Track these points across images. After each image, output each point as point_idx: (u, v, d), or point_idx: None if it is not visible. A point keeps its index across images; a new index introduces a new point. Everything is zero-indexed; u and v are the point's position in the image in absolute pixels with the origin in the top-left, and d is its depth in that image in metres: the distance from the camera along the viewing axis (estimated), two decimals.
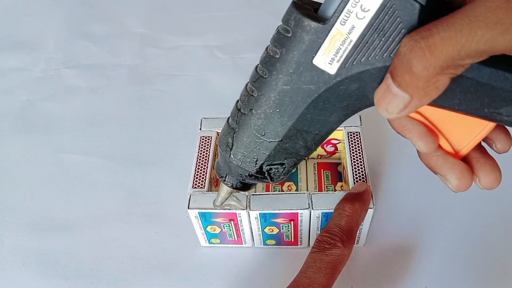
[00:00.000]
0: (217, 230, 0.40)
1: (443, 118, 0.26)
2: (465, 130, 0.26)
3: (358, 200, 0.36)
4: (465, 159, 0.27)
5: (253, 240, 0.42)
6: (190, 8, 0.72)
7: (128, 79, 0.61)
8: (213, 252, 0.43)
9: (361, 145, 0.42)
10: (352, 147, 0.42)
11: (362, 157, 0.41)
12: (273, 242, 0.42)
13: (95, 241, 0.44)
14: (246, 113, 0.28)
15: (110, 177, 0.50)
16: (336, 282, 0.33)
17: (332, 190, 0.45)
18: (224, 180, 0.33)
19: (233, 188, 0.33)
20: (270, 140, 0.28)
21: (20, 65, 0.65)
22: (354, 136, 0.43)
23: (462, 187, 0.27)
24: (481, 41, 0.20)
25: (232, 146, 0.30)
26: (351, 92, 0.25)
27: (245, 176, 0.31)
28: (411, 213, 0.44)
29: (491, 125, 0.26)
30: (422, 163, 0.48)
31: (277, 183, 0.46)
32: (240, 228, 0.40)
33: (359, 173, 0.40)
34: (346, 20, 0.23)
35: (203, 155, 0.42)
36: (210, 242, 0.43)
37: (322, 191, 0.45)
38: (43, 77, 0.63)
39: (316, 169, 0.47)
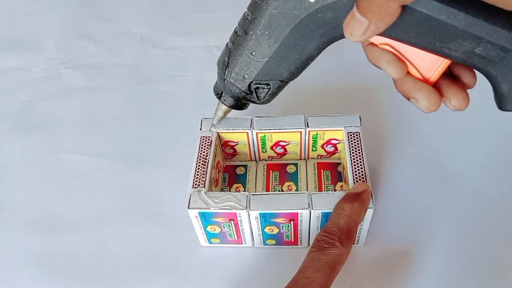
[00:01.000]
0: (217, 230, 0.40)
1: (411, 50, 0.29)
2: (431, 59, 0.29)
3: (357, 200, 0.36)
4: (435, 87, 0.31)
5: (253, 240, 0.42)
6: (190, 8, 0.72)
7: (128, 79, 0.61)
8: (213, 252, 0.43)
9: (361, 145, 0.42)
10: (352, 147, 0.42)
11: (362, 157, 0.41)
12: (273, 242, 0.42)
13: (95, 241, 0.44)
14: (241, 34, 0.32)
15: (110, 177, 0.50)
16: (336, 282, 0.33)
17: (332, 190, 0.45)
18: (220, 98, 0.37)
19: (228, 106, 0.38)
20: (259, 59, 0.32)
21: (20, 65, 0.65)
22: (354, 136, 0.43)
23: (431, 107, 0.30)
24: None
25: (227, 64, 0.34)
26: (327, 20, 0.29)
27: (237, 93, 0.35)
28: (411, 213, 0.44)
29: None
30: (422, 163, 0.48)
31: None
32: (240, 228, 0.40)
33: (359, 173, 0.40)
34: None
35: (203, 155, 0.42)
36: (210, 242, 0.43)
37: (322, 191, 0.45)
38: (43, 77, 0.63)
39: (316, 169, 0.47)
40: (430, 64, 0.30)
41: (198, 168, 0.41)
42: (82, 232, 0.45)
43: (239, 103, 0.37)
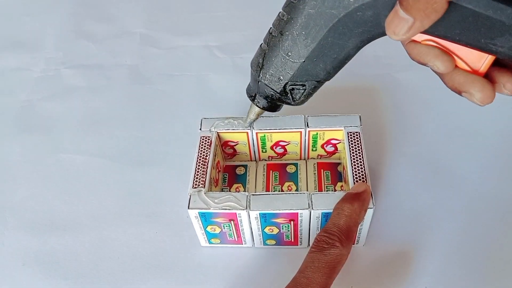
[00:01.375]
0: (217, 230, 0.40)
1: (455, 45, 0.28)
2: (478, 52, 0.28)
3: (357, 200, 0.36)
4: (486, 77, 0.29)
5: (253, 240, 0.42)
6: (190, 8, 0.72)
7: (128, 79, 0.61)
8: (213, 252, 0.43)
9: (361, 145, 0.42)
10: (352, 147, 0.42)
11: (362, 157, 0.41)
12: (273, 242, 0.42)
13: (95, 241, 0.44)
14: (276, 35, 0.32)
15: (110, 177, 0.50)
16: (336, 282, 0.33)
17: (332, 190, 0.45)
18: (254, 100, 0.36)
19: (262, 108, 0.36)
20: (295, 60, 0.32)
21: (20, 65, 0.65)
22: (354, 136, 0.43)
23: (486, 99, 0.29)
24: None
25: (262, 66, 0.33)
26: (367, 18, 0.28)
27: (271, 94, 0.34)
28: (411, 213, 0.44)
29: None
30: (422, 163, 0.48)
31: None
32: (240, 228, 0.40)
33: (359, 173, 0.40)
34: None
35: (203, 155, 0.42)
36: (210, 242, 0.43)
37: (322, 191, 0.45)
38: (43, 77, 0.63)
39: (316, 169, 0.47)
40: (478, 55, 0.28)
41: (198, 168, 0.41)
42: (82, 232, 0.45)
43: (273, 105, 0.36)
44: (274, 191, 0.46)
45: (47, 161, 0.52)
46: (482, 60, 0.29)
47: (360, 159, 0.41)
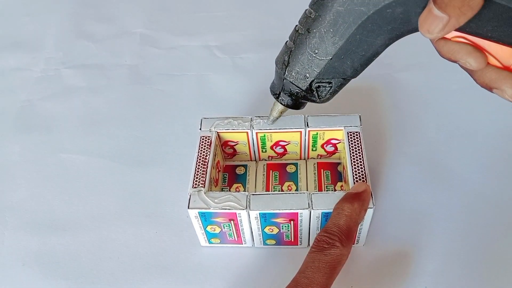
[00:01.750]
0: (217, 230, 0.40)
1: (486, 41, 0.28)
2: (509, 49, 0.28)
3: (357, 200, 0.36)
4: None
5: (253, 240, 0.42)
6: (190, 8, 0.72)
7: (128, 79, 0.61)
8: (213, 252, 0.43)
9: (361, 145, 0.42)
10: (352, 147, 0.42)
11: (362, 157, 0.41)
12: (273, 242, 0.42)
13: (95, 241, 0.44)
14: (303, 33, 0.31)
15: (110, 177, 0.50)
16: (336, 282, 0.33)
17: (332, 190, 0.45)
18: (278, 98, 0.36)
19: (285, 106, 0.36)
20: (322, 58, 0.31)
21: (20, 65, 0.65)
22: (354, 136, 0.43)
23: None
24: None
25: (287, 64, 0.33)
26: (397, 16, 0.28)
27: (296, 92, 0.34)
28: (411, 213, 0.44)
29: None
30: (422, 163, 0.48)
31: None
32: (240, 228, 0.40)
33: (359, 173, 0.40)
34: None
35: (203, 155, 0.42)
36: (210, 242, 0.43)
37: (322, 191, 0.45)
38: (43, 77, 0.63)
39: (316, 169, 0.47)
40: (510, 51, 0.28)
41: (198, 168, 0.41)
42: (82, 232, 0.45)
43: (297, 103, 0.36)
44: (274, 191, 0.46)
45: (47, 161, 0.52)
46: None
47: (360, 159, 0.41)
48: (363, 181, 0.39)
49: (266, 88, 0.37)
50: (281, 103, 0.36)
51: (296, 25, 0.32)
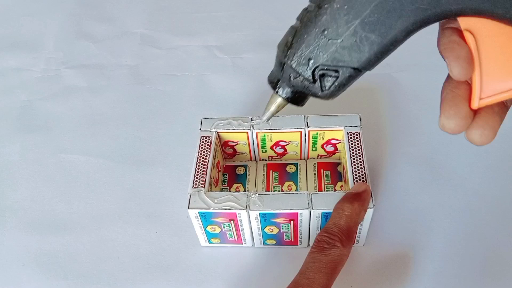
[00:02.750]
0: (217, 230, 0.40)
1: (492, 52, 0.26)
2: (502, 78, 0.26)
3: (357, 200, 0.36)
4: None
5: (253, 240, 0.42)
6: (190, 8, 0.72)
7: (128, 79, 0.61)
8: (213, 252, 0.43)
9: (361, 145, 0.42)
10: (352, 147, 0.42)
11: (362, 157, 0.41)
12: (273, 242, 0.42)
13: (95, 241, 0.44)
14: (312, 9, 0.27)
15: (110, 177, 0.50)
16: (336, 282, 0.33)
17: (332, 190, 0.45)
18: (275, 87, 0.31)
19: (284, 98, 0.31)
20: (330, 38, 0.27)
21: (20, 65, 0.65)
22: (354, 136, 0.43)
23: (451, 130, 0.28)
24: None
25: (290, 45, 0.28)
26: None
27: (297, 80, 0.29)
28: (411, 213, 0.44)
29: None
30: (422, 163, 0.48)
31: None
32: (240, 228, 0.40)
33: (359, 173, 0.40)
34: None
35: (203, 155, 0.42)
36: (210, 242, 0.43)
37: (322, 191, 0.45)
38: (43, 77, 0.63)
39: (316, 169, 0.47)
40: (501, 83, 0.26)
41: (198, 168, 0.41)
42: (82, 232, 0.45)
43: (297, 96, 0.30)
44: (274, 191, 0.46)
45: (47, 161, 0.52)
46: (493, 92, 0.27)
47: (360, 159, 0.41)
48: (363, 181, 0.39)
49: (266, 88, 0.37)
50: (278, 94, 0.31)
51: (307, 5, 0.28)
